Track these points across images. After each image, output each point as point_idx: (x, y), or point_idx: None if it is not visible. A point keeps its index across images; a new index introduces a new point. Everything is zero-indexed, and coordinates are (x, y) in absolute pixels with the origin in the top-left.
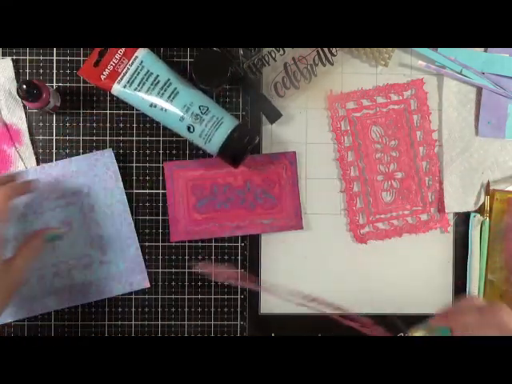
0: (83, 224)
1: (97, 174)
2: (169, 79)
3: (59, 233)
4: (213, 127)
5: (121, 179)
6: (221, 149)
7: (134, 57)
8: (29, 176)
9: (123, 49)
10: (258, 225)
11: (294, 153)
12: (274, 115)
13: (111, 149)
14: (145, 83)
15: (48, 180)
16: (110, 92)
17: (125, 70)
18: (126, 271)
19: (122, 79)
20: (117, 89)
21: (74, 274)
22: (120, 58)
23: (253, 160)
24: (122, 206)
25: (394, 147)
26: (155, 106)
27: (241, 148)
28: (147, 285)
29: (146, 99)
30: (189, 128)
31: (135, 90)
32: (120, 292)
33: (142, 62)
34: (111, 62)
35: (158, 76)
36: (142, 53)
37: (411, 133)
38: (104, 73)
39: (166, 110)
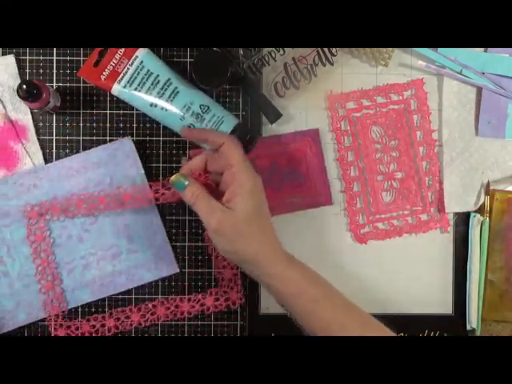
0: (108, 214)
1: (118, 163)
2: (169, 79)
3: None
4: (213, 126)
5: (142, 166)
6: None
7: (134, 57)
8: (50, 170)
9: (123, 49)
10: (287, 204)
11: (317, 130)
12: (275, 115)
13: (130, 136)
14: (145, 83)
15: (70, 173)
16: (110, 92)
17: (125, 70)
18: (155, 258)
19: (122, 79)
20: (117, 89)
21: (104, 265)
22: (120, 58)
23: (277, 139)
24: None
25: (394, 147)
26: (155, 106)
27: (242, 146)
28: (176, 270)
29: (146, 99)
30: (189, 127)
31: (135, 89)
32: (150, 279)
33: (142, 61)
34: (111, 62)
35: (158, 76)
36: (141, 53)
37: (411, 133)
38: (104, 73)
39: (166, 109)
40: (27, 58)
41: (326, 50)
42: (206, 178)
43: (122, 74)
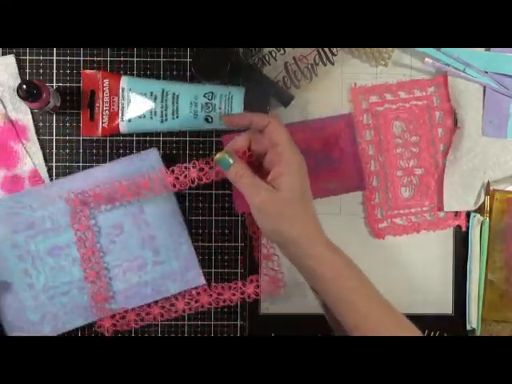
0: (134, 226)
1: (143, 174)
2: (163, 89)
3: None
4: (227, 106)
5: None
6: None
7: (120, 89)
8: (75, 181)
9: (107, 90)
10: (321, 190)
11: (350, 114)
12: (287, 98)
13: (156, 148)
14: (144, 105)
15: (95, 185)
16: (120, 133)
17: (120, 106)
18: (181, 269)
19: (123, 115)
20: (123, 126)
21: (129, 276)
22: (109, 99)
23: (309, 124)
24: (171, 204)
25: (415, 143)
26: (166, 120)
27: (263, 107)
28: (203, 281)
29: (154, 118)
30: (207, 119)
31: (140, 117)
32: (176, 291)
33: (130, 89)
34: (104, 108)
35: (152, 92)
36: (125, 81)
37: (433, 129)
38: (104, 120)
39: (177, 116)
40: (27, 57)
41: (326, 49)
42: (249, 156)
43: (119, 111)
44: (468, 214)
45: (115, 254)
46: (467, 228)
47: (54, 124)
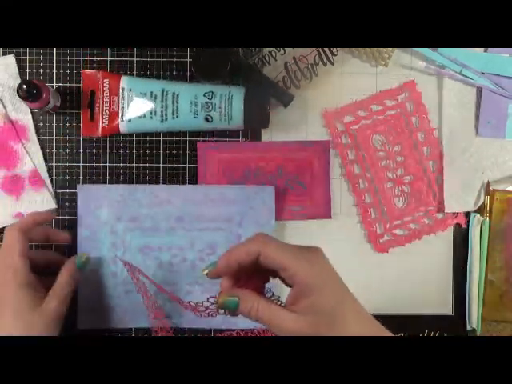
0: (227, 249)
1: (253, 206)
2: (163, 88)
3: (85, 259)
4: (227, 105)
5: (274, 217)
6: (245, 118)
7: (120, 89)
8: (186, 191)
9: (107, 90)
10: (286, 211)
11: (329, 141)
12: (287, 98)
13: (272, 186)
14: (145, 105)
15: (204, 200)
16: (120, 133)
17: (120, 106)
18: None
19: (123, 115)
20: (123, 125)
21: (204, 298)
22: (110, 99)
23: (286, 146)
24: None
25: (398, 152)
26: (166, 120)
27: (262, 106)
28: None
29: (154, 118)
30: (207, 119)
31: (140, 117)
32: (244, 326)
33: (130, 89)
34: (104, 108)
35: (152, 92)
36: (125, 81)
37: (412, 135)
38: (104, 120)
39: (177, 115)
40: (27, 57)
41: (326, 49)
42: (254, 277)
43: (120, 111)
44: (467, 213)
45: (199, 271)
46: (467, 227)
47: (54, 124)
